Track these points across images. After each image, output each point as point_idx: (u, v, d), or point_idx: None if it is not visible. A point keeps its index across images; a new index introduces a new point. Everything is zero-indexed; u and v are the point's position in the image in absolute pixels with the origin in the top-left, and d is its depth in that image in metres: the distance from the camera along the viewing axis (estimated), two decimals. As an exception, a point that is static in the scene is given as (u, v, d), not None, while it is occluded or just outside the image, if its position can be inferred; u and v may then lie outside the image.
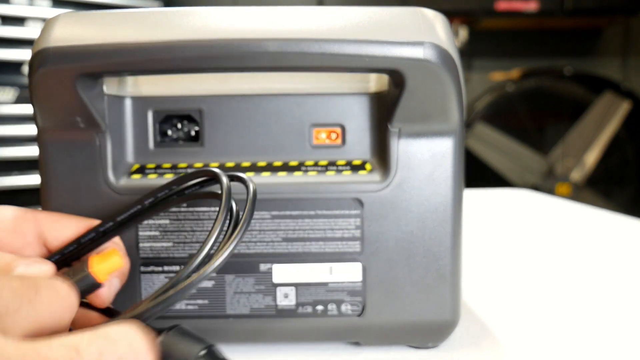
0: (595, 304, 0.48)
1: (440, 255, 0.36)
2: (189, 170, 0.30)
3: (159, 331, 0.24)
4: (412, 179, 0.35)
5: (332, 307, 0.36)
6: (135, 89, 0.36)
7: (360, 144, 0.37)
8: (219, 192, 0.29)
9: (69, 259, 0.31)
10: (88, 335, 0.19)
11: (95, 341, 0.19)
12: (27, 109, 1.83)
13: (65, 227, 0.31)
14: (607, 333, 0.41)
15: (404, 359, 0.36)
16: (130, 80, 0.36)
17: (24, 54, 1.83)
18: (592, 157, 2.39)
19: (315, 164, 0.36)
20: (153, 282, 0.36)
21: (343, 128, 0.37)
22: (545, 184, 2.40)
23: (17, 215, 0.31)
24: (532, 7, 2.39)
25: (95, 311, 0.30)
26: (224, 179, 0.29)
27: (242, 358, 0.36)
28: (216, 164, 0.36)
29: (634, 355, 0.37)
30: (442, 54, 0.32)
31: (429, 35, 0.32)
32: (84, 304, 0.29)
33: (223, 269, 0.35)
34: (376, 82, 0.36)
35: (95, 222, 0.32)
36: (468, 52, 2.55)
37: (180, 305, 0.36)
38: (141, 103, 0.36)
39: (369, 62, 0.32)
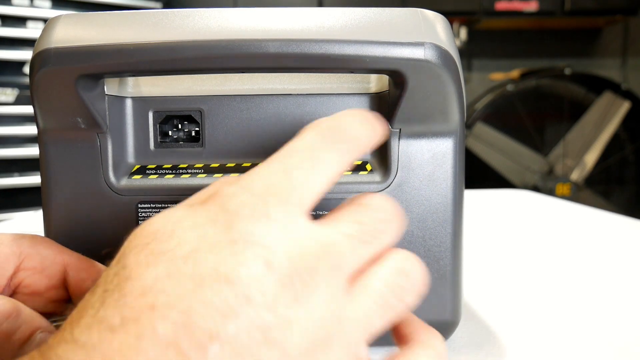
0: (595, 304, 0.48)
1: (440, 256, 0.36)
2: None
3: None
4: (413, 180, 0.35)
5: None
6: (136, 90, 0.36)
7: (360, 144, 0.37)
8: None
9: None
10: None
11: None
12: (27, 109, 1.83)
13: (90, 277, 0.31)
14: (607, 333, 0.41)
15: (404, 360, 0.36)
16: (130, 80, 0.36)
17: (24, 54, 1.83)
18: (592, 157, 2.39)
19: (316, 165, 0.36)
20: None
21: (343, 128, 0.36)
22: (545, 184, 2.40)
23: (47, 255, 0.30)
24: (531, 7, 2.39)
25: None
26: None
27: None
28: (217, 165, 0.36)
29: (635, 355, 0.37)
30: (443, 54, 0.32)
31: (429, 35, 0.32)
32: None
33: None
34: (376, 82, 0.36)
35: None
36: (468, 52, 2.55)
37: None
38: (142, 103, 0.36)
39: (370, 63, 0.31)
